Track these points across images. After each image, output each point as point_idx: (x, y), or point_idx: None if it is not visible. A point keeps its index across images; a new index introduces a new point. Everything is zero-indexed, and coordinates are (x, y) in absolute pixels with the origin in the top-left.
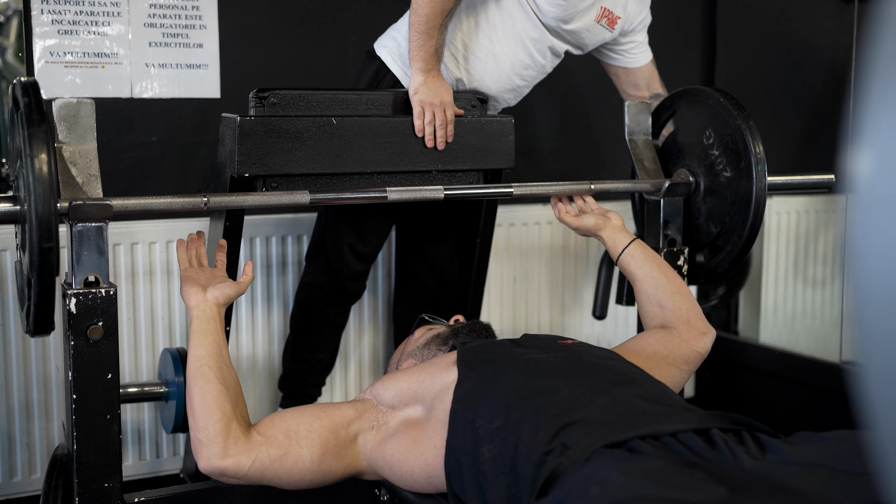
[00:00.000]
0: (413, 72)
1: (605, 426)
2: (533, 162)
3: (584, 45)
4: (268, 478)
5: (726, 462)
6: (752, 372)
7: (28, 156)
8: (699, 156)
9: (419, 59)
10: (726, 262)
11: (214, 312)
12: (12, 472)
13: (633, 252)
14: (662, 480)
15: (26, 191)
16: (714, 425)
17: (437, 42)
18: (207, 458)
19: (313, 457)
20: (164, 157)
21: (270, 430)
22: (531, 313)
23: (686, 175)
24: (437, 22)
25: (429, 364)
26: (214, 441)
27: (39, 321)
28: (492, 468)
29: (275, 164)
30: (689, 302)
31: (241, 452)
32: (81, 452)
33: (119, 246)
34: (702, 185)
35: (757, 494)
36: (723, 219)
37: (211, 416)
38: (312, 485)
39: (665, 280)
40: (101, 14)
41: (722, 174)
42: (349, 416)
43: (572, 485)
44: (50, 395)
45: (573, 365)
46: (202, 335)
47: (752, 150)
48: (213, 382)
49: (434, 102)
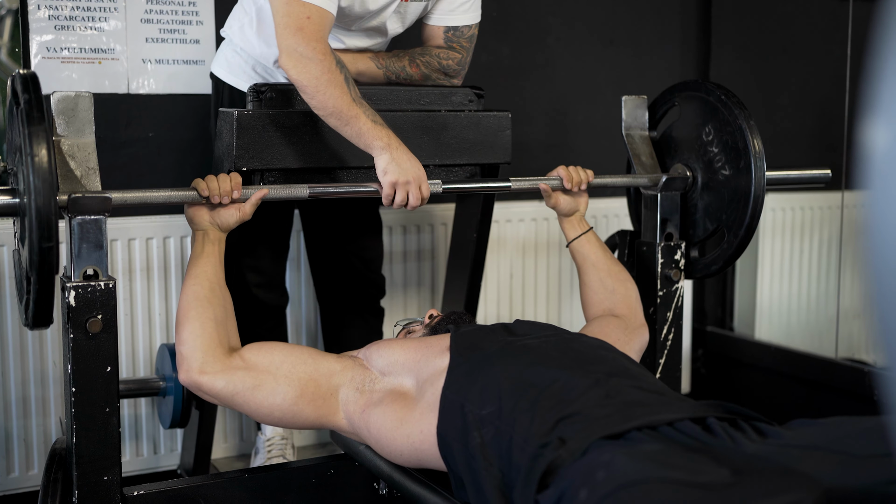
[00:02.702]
0: (374, 154)
1: (601, 419)
2: (527, 160)
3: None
4: (237, 402)
5: (727, 446)
6: (747, 368)
7: (28, 154)
8: (697, 151)
9: (372, 138)
10: (721, 259)
11: (216, 236)
12: (9, 468)
13: (590, 238)
14: (668, 462)
15: (26, 186)
16: (710, 414)
17: (368, 113)
18: (186, 370)
19: (286, 396)
20: (161, 153)
21: (254, 358)
22: (527, 310)
23: (683, 170)
24: (344, 105)
25: (424, 343)
26: (194, 356)
27: (38, 315)
28: (484, 454)
29: (272, 159)
30: (636, 293)
31: (217, 372)
32: (81, 446)
33: (116, 242)
34: (699, 181)
35: (761, 476)
36: (719, 216)
37: (193, 331)
38: (280, 422)
39: (617, 268)
40: (98, 10)
41: (720, 171)
42: (334, 368)
43: (576, 472)
44: (47, 390)
45: (566, 353)
46: (200, 256)
47: (753, 151)
48: (202, 300)
49: (408, 181)
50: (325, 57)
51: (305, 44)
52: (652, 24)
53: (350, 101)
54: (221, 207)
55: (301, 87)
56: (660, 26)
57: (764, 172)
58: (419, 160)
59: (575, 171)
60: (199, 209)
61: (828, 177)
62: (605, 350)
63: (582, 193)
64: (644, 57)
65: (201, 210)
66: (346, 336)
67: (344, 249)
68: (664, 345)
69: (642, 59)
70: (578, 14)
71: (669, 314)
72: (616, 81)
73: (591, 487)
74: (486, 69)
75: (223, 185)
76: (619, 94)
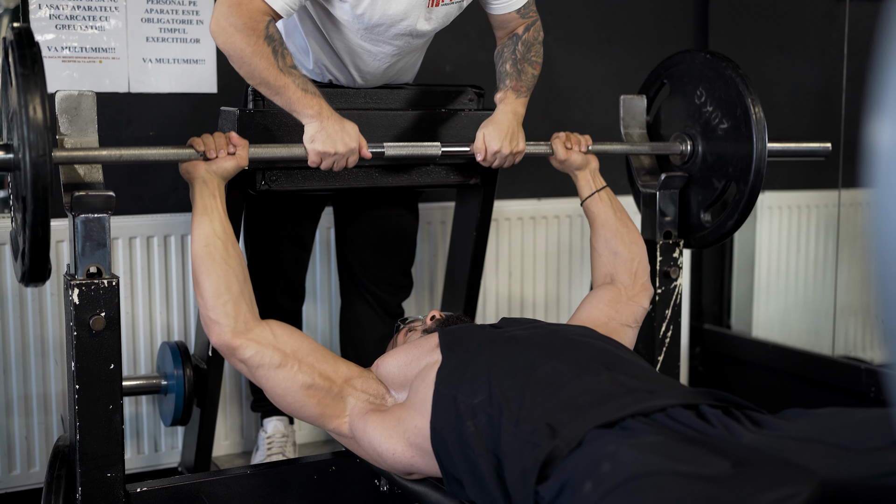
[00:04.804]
0: (304, 122)
1: (593, 406)
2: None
3: None
4: (258, 375)
5: (723, 437)
6: (745, 366)
7: (22, 103)
8: (693, 117)
9: (301, 106)
10: (735, 212)
11: (215, 187)
12: (11, 465)
13: (602, 196)
14: (672, 455)
15: (21, 137)
16: (701, 402)
17: (298, 82)
18: (219, 334)
19: (302, 384)
20: None
21: (284, 337)
22: (527, 309)
23: (682, 139)
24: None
25: (414, 345)
26: (224, 320)
27: (35, 265)
28: (478, 442)
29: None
30: (641, 254)
31: (250, 340)
32: (84, 443)
33: (117, 240)
34: (699, 146)
35: (761, 468)
36: (726, 170)
37: (219, 295)
38: (289, 407)
39: (625, 230)
40: (99, 9)
41: (719, 128)
42: (351, 373)
43: (578, 463)
44: (49, 388)
45: (553, 341)
46: (205, 213)
47: (746, 94)
48: (220, 262)
49: (336, 152)
50: (252, 31)
51: (237, 16)
52: (649, 23)
53: (277, 72)
54: (219, 158)
55: (228, 56)
56: (657, 25)
57: (760, 106)
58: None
59: (573, 134)
60: (195, 162)
61: (828, 150)
62: (592, 337)
63: (583, 153)
64: (642, 55)
65: (197, 163)
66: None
67: (376, 250)
68: (662, 342)
69: (640, 58)
70: (576, 13)
71: (668, 312)
72: (614, 80)
73: (597, 480)
74: (486, 68)
75: (219, 140)
76: (617, 93)
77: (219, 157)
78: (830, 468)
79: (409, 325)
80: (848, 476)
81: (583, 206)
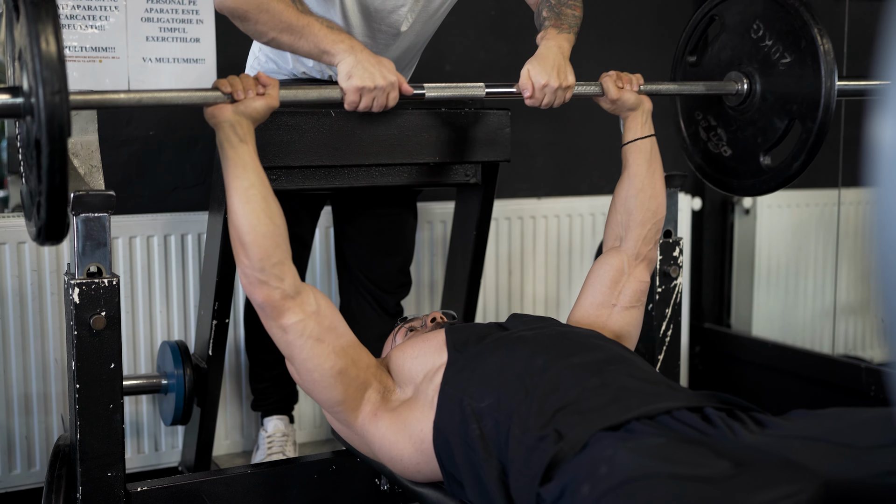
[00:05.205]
0: (338, 58)
1: (599, 410)
2: (527, 157)
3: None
4: (294, 343)
5: (726, 437)
6: (745, 365)
7: (33, 34)
8: (749, 53)
9: (331, 43)
10: (802, 152)
11: (245, 130)
12: (11, 465)
13: (642, 146)
14: (670, 457)
15: (32, 70)
16: (706, 404)
17: (322, 21)
18: (268, 295)
19: (333, 367)
20: (162, 151)
21: (325, 309)
22: (526, 308)
23: (738, 77)
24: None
25: (421, 340)
26: (274, 281)
27: (52, 218)
28: (483, 446)
29: (274, 157)
30: (654, 218)
31: (297, 305)
32: (85, 442)
33: (117, 239)
34: (757, 84)
35: (761, 468)
36: (789, 108)
37: (269, 256)
38: (313, 386)
39: (650, 189)
40: (99, 8)
41: (780, 62)
42: (372, 363)
43: (578, 466)
44: (49, 387)
45: (560, 343)
46: (238, 163)
47: (811, 23)
48: (263, 218)
49: (376, 86)
50: None
51: None
52: (651, 20)
53: (297, 13)
54: (247, 98)
55: (242, 14)
56: (659, 22)
57: (831, 48)
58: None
59: (623, 73)
60: (222, 105)
61: None
62: (598, 339)
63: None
64: (643, 53)
65: (224, 105)
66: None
67: (374, 248)
68: (663, 341)
69: (641, 55)
70: None
71: (668, 311)
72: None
73: (594, 482)
74: (486, 67)
75: (246, 81)
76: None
77: (247, 98)
78: (834, 468)
79: (409, 325)
80: (852, 475)
81: (622, 149)
